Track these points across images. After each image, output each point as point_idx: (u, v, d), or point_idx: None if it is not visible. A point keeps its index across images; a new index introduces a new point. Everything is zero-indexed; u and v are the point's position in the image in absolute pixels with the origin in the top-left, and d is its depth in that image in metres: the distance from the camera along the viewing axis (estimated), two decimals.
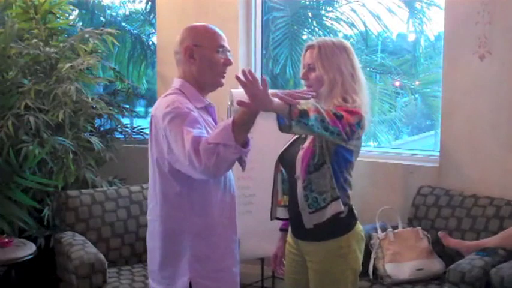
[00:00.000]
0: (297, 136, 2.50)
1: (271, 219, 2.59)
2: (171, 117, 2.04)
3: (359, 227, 2.47)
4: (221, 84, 2.24)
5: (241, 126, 1.97)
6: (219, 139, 1.94)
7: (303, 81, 2.49)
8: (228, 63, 2.22)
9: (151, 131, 2.18)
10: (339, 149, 2.33)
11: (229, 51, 2.23)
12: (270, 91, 1.99)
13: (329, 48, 2.41)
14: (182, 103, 2.09)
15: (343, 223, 2.40)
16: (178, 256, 2.17)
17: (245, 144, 2.01)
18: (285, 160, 2.49)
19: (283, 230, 2.66)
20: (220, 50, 2.19)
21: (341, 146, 2.32)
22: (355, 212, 2.46)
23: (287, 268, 2.62)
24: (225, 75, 2.23)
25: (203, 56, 2.18)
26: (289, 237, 2.58)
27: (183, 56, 2.19)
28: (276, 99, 2.01)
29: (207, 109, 2.23)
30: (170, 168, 2.10)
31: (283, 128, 2.11)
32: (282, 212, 2.56)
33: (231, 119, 1.98)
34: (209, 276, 2.18)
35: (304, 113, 2.08)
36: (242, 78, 1.94)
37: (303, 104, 2.10)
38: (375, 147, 4.88)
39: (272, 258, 2.71)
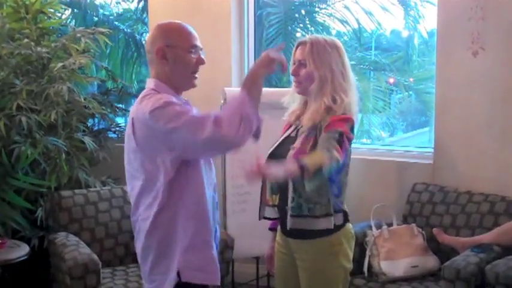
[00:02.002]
0: (286, 135, 2.48)
1: (260, 219, 2.59)
2: (165, 111, 2.02)
3: (349, 225, 2.47)
4: (194, 85, 2.22)
5: (254, 95, 2.06)
6: (237, 107, 2.01)
7: (292, 78, 2.48)
8: (201, 62, 2.19)
9: (133, 134, 2.13)
10: None
11: (201, 49, 2.21)
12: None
13: (321, 45, 2.41)
14: (166, 97, 2.07)
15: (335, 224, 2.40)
16: (167, 251, 2.16)
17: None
18: (275, 159, 2.47)
19: (273, 229, 2.65)
20: (193, 50, 2.17)
21: None
22: (348, 212, 2.46)
23: (277, 267, 2.61)
24: (197, 75, 2.21)
25: (176, 56, 2.15)
26: (278, 236, 2.57)
27: (155, 56, 2.16)
28: (283, 168, 2.05)
29: None
30: (156, 169, 2.09)
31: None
32: (270, 212, 2.55)
33: (242, 93, 2.05)
34: (196, 266, 2.17)
35: (318, 171, 2.10)
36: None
37: (315, 159, 2.12)
38: (369, 144, 4.88)
39: (266, 259, 2.70)
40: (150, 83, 2.19)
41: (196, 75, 2.21)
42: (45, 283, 3.82)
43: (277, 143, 2.50)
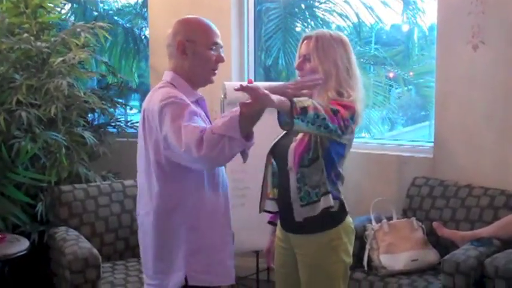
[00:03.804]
0: None
1: (260, 212, 2.59)
2: (168, 109, 2.01)
3: (349, 219, 2.46)
4: (211, 81, 2.23)
5: (248, 119, 1.94)
6: (225, 131, 1.92)
7: (297, 72, 2.48)
8: (220, 60, 2.19)
9: (143, 126, 2.15)
10: (333, 144, 2.33)
11: (221, 47, 2.21)
12: (274, 84, 1.97)
13: (326, 40, 2.40)
14: (177, 95, 2.07)
15: (334, 216, 2.39)
16: (173, 250, 2.16)
17: (249, 137, 1.99)
18: (277, 152, 2.48)
19: (272, 223, 2.65)
20: (214, 47, 2.17)
21: (334, 141, 2.31)
22: (346, 205, 2.44)
23: (276, 261, 2.61)
24: (216, 72, 2.21)
25: (196, 52, 2.15)
26: (278, 231, 2.57)
27: (176, 50, 2.16)
28: (277, 97, 1.99)
29: (199, 102, 2.21)
30: (167, 164, 2.08)
31: (284, 125, 2.12)
32: (270, 205, 2.55)
33: (237, 111, 1.94)
34: (204, 269, 2.18)
35: (304, 111, 2.07)
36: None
37: (303, 101, 2.10)
38: (369, 139, 4.88)
39: (266, 253, 2.70)
40: (166, 76, 2.19)
41: (215, 72, 2.20)
42: (45, 278, 3.82)
43: (280, 135, 2.51)
